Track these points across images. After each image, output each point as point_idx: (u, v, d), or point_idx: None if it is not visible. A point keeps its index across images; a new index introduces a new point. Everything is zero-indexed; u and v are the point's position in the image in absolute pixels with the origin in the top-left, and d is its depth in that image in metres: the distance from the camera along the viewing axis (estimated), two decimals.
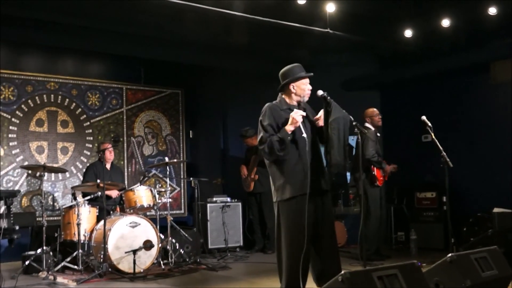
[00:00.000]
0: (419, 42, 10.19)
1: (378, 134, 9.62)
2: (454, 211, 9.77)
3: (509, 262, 5.16)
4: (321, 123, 5.70)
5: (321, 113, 5.77)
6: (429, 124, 7.27)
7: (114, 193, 9.55)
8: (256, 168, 10.68)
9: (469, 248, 6.74)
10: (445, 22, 9.49)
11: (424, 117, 7.32)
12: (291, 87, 5.86)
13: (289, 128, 5.51)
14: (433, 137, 7.17)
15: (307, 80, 5.86)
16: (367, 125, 9.36)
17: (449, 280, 4.43)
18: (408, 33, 9.84)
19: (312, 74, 5.93)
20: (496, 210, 8.75)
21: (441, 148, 7.10)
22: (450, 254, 4.50)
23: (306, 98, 5.85)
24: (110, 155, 9.88)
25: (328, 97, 5.73)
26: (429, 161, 9.23)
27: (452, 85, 10.83)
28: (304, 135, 5.69)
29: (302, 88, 5.82)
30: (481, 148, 10.39)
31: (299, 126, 5.67)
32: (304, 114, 5.56)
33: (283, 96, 5.92)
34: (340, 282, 3.69)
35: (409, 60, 11.16)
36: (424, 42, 10.28)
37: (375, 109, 9.62)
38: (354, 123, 5.79)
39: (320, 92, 5.78)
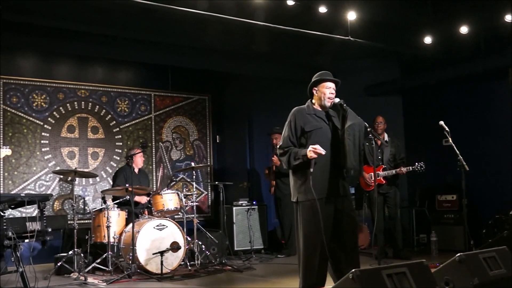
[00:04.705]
0: (438, 48, 10.26)
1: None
2: (475, 213, 9.94)
3: None
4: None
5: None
6: (447, 129, 7.39)
7: (143, 199, 9.77)
8: (274, 174, 10.92)
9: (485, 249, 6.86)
10: (464, 29, 9.57)
11: (442, 122, 7.46)
12: (314, 90, 6.10)
13: (309, 154, 5.67)
14: (450, 141, 7.32)
15: (330, 84, 6.04)
16: None
17: (458, 278, 4.56)
18: (427, 39, 9.93)
19: (335, 79, 6.11)
20: None
21: (457, 151, 7.23)
22: (459, 254, 4.64)
23: (327, 103, 5.99)
24: (141, 161, 10.13)
25: (345, 105, 5.94)
26: (449, 164, 9.34)
27: (472, 90, 10.91)
28: (327, 140, 5.91)
29: (323, 91, 6.01)
30: (500, 152, 10.48)
31: (323, 131, 5.93)
32: (323, 153, 5.68)
33: (311, 101, 6.15)
34: (351, 279, 3.84)
35: (429, 66, 11.28)
36: (444, 48, 10.35)
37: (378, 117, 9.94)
38: (368, 129, 5.97)
39: (337, 100, 5.99)
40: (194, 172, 9.75)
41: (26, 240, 6.74)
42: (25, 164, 10.53)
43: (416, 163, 9.39)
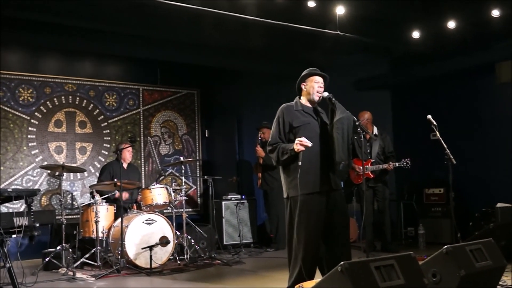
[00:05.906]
0: (427, 43, 10.30)
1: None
2: (462, 207, 10.01)
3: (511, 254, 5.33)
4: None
5: None
6: (434, 123, 7.42)
7: (124, 195, 9.56)
8: (261, 167, 10.95)
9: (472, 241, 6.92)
10: (451, 24, 9.62)
11: (429, 116, 7.49)
12: (302, 85, 6.15)
13: (296, 148, 5.70)
14: (438, 135, 7.35)
15: (319, 79, 6.10)
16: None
17: (445, 270, 4.62)
18: (416, 34, 9.99)
19: (323, 74, 6.16)
20: (499, 205, 8.94)
21: (445, 145, 7.26)
22: (446, 246, 4.69)
23: (315, 97, 6.05)
24: (129, 155, 10.13)
25: (333, 99, 5.98)
26: (437, 158, 9.40)
27: (459, 85, 10.96)
28: (316, 135, 5.94)
29: (311, 85, 6.07)
30: (487, 146, 10.56)
31: (312, 126, 5.96)
32: (310, 145, 5.70)
33: (299, 97, 6.19)
34: (340, 272, 3.86)
35: (418, 60, 11.29)
36: (432, 43, 10.37)
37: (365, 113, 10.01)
38: (357, 123, 6.00)
39: (325, 94, 6.04)
40: (183, 166, 9.78)
41: (14, 236, 6.70)
42: (12, 159, 10.50)
43: (402, 160, 9.46)
